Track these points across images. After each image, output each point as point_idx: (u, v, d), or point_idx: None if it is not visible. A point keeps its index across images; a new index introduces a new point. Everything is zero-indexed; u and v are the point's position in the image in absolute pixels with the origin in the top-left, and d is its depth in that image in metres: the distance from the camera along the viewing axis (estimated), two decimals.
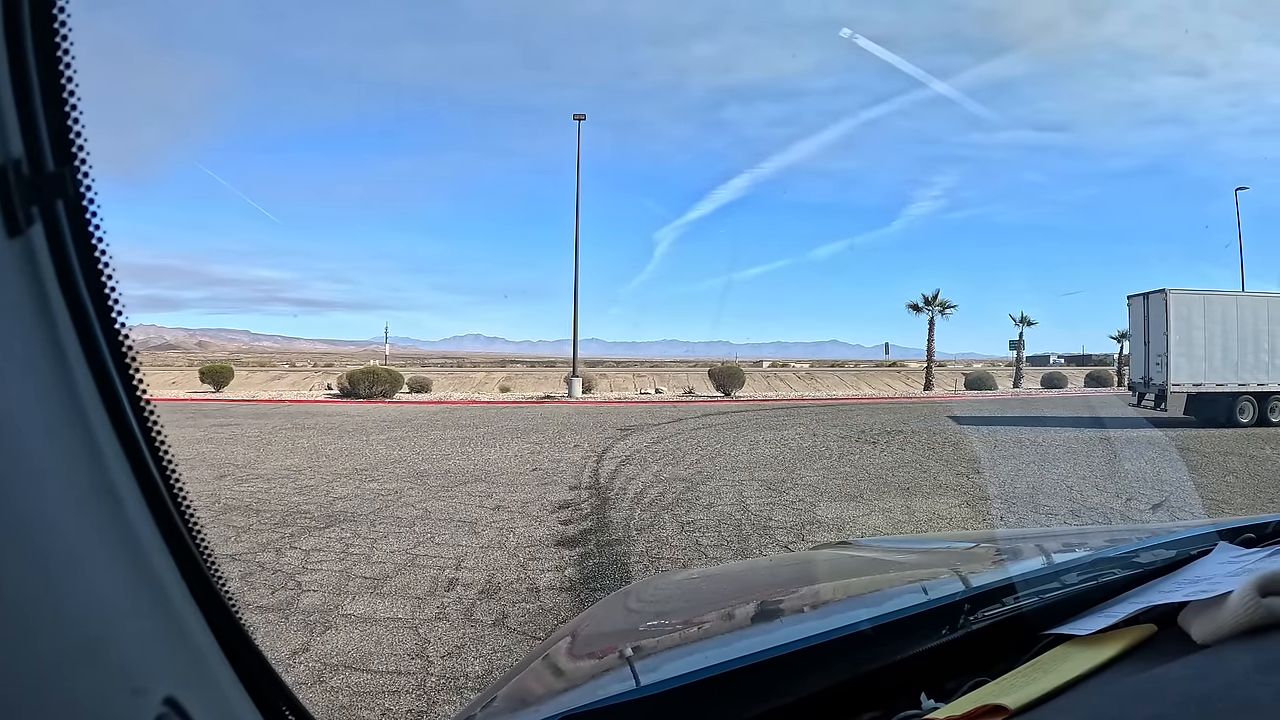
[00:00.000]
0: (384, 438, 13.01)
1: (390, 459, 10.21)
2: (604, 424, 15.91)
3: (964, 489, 7.74)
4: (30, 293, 0.42)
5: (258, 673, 0.58)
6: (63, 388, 0.44)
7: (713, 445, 11.76)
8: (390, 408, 22.13)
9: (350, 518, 6.42)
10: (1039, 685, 0.69)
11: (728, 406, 22.95)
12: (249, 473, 8.90)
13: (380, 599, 4.29)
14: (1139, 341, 16.58)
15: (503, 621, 3.93)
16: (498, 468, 9.42)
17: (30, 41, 0.43)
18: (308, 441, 12.45)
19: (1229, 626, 0.70)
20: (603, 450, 11.10)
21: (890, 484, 8.03)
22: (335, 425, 15.65)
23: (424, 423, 16.40)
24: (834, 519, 6.38)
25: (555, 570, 4.85)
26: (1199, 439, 12.52)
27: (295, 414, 18.90)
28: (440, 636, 3.70)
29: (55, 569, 0.41)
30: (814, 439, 12.67)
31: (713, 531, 5.91)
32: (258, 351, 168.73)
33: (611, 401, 25.99)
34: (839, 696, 0.77)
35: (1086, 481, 8.08)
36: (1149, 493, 7.42)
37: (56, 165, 0.45)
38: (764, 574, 1.89)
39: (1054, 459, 9.96)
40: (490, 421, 16.82)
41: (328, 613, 4.06)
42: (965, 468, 9.26)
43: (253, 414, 18.75)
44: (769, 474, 8.71)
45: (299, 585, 4.54)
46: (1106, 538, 1.42)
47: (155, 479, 0.50)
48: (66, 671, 0.40)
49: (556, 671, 1.10)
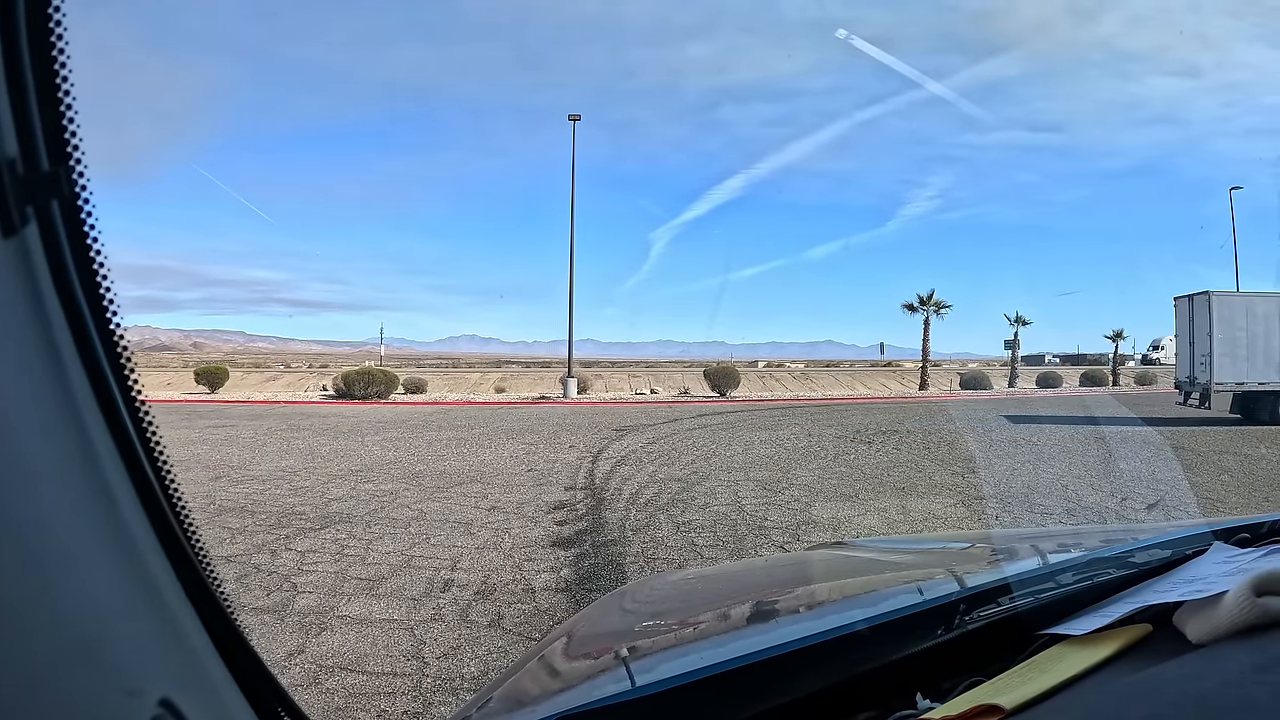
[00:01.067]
0: (379, 439, 12.99)
1: (385, 460, 10.19)
2: (599, 425, 15.89)
3: (959, 488, 7.78)
4: (25, 292, 0.42)
5: (253, 674, 0.58)
6: (58, 388, 0.44)
7: (708, 446, 11.78)
8: (385, 409, 22.08)
9: (345, 519, 6.41)
10: (1034, 685, 0.70)
11: (723, 407, 22.95)
12: (244, 474, 8.87)
13: (376, 600, 4.28)
14: (1184, 342, 17.07)
15: (498, 623, 3.92)
16: (493, 469, 9.42)
17: (25, 40, 0.43)
18: (303, 443, 12.41)
19: (1224, 626, 0.70)
20: (598, 451, 11.10)
21: (885, 484, 8.06)
22: (330, 426, 15.61)
23: (419, 424, 16.36)
24: (829, 519, 6.39)
25: (551, 571, 4.85)
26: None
27: (290, 415, 18.84)
28: (436, 638, 3.70)
29: (50, 569, 0.41)
30: (809, 439, 12.70)
31: (708, 532, 5.92)
32: (253, 352, 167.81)
33: (607, 402, 25.93)
34: (835, 697, 0.78)
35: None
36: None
37: (51, 165, 0.44)
38: (760, 574, 1.91)
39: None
40: (485, 422, 16.78)
41: (323, 614, 4.05)
42: (960, 467, 9.31)
43: (248, 415, 18.68)
44: (764, 474, 8.72)
45: (294, 587, 4.53)
46: (1102, 537, 1.43)
47: (150, 479, 0.50)
48: (61, 672, 0.40)
49: (552, 672, 1.10)
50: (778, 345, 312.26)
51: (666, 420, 17.06)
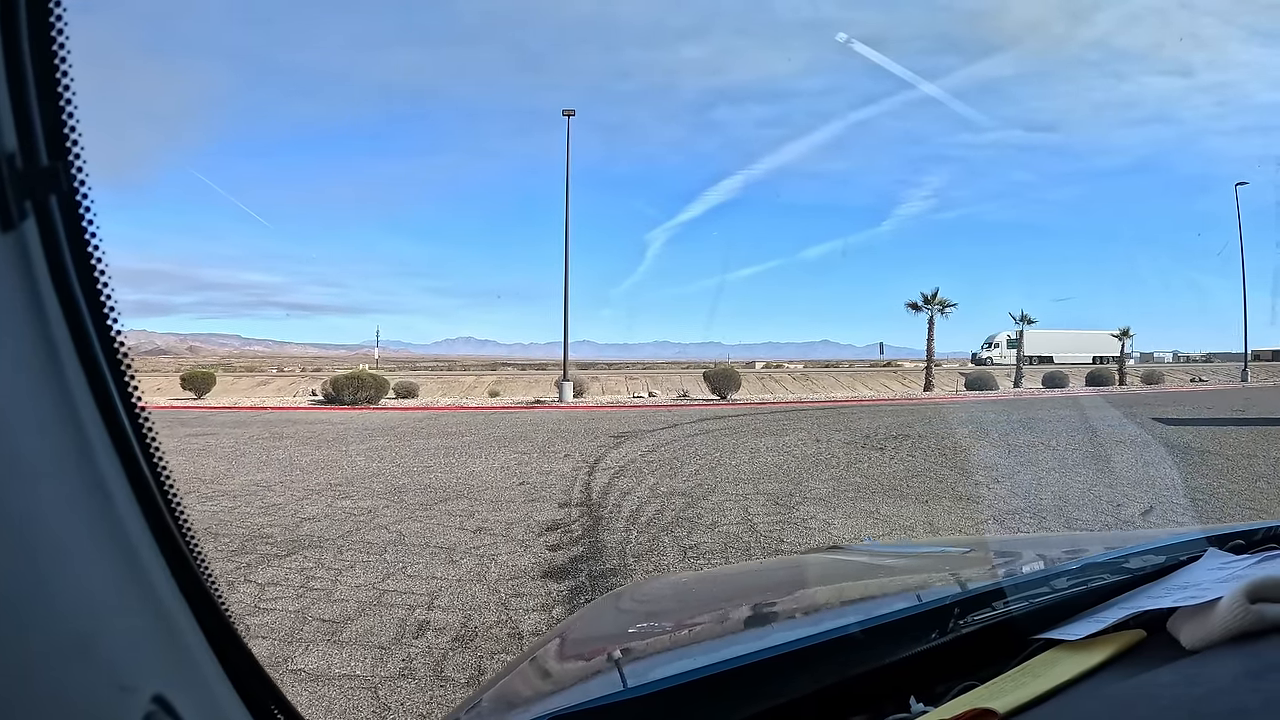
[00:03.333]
0: (364, 448, 12.35)
1: (368, 472, 9.58)
2: (596, 431, 15.24)
3: (982, 498, 7.20)
4: (22, 288, 0.42)
5: (246, 671, 0.58)
6: (55, 383, 0.44)
7: (711, 454, 11.17)
8: (374, 414, 21.15)
9: (316, 543, 5.80)
10: (1028, 689, 0.69)
11: (724, 410, 22.23)
12: (215, 489, 8.26)
13: (338, 649, 3.68)
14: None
15: (478, 679, 3.33)
16: (482, 481, 8.80)
17: (25, 34, 0.42)
18: (283, 453, 11.79)
19: (1218, 632, 0.69)
20: (595, 460, 10.48)
21: (907, 495, 7.47)
22: (315, 434, 14.99)
23: (408, 431, 15.72)
24: (854, 540, 5.80)
25: (541, 610, 4.24)
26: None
27: (275, 422, 18.22)
28: (403, 701, 3.10)
29: (45, 565, 0.41)
30: (818, 446, 12.08)
31: (719, 556, 5.33)
32: (249, 356, 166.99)
33: (604, 406, 24.83)
34: (828, 700, 0.76)
35: None
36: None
37: (50, 159, 0.44)
38: (754, 577, 1.87)
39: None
40: (477, 429, 16.11)
41: (275, 667, 3.45)
42: (983, 476, 8.73)
43: (232, 422, 18.07)
44: (774, 486, 8.13)
45: (246, 630, 3.93)
46: (1097, 543, 1.38)
47: (146, 476, 0.50)
48: (55, 667, 0.40)
49: (543, 673, 1.10)
50: (774, 345, 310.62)
51: (666, 425, 16.38)
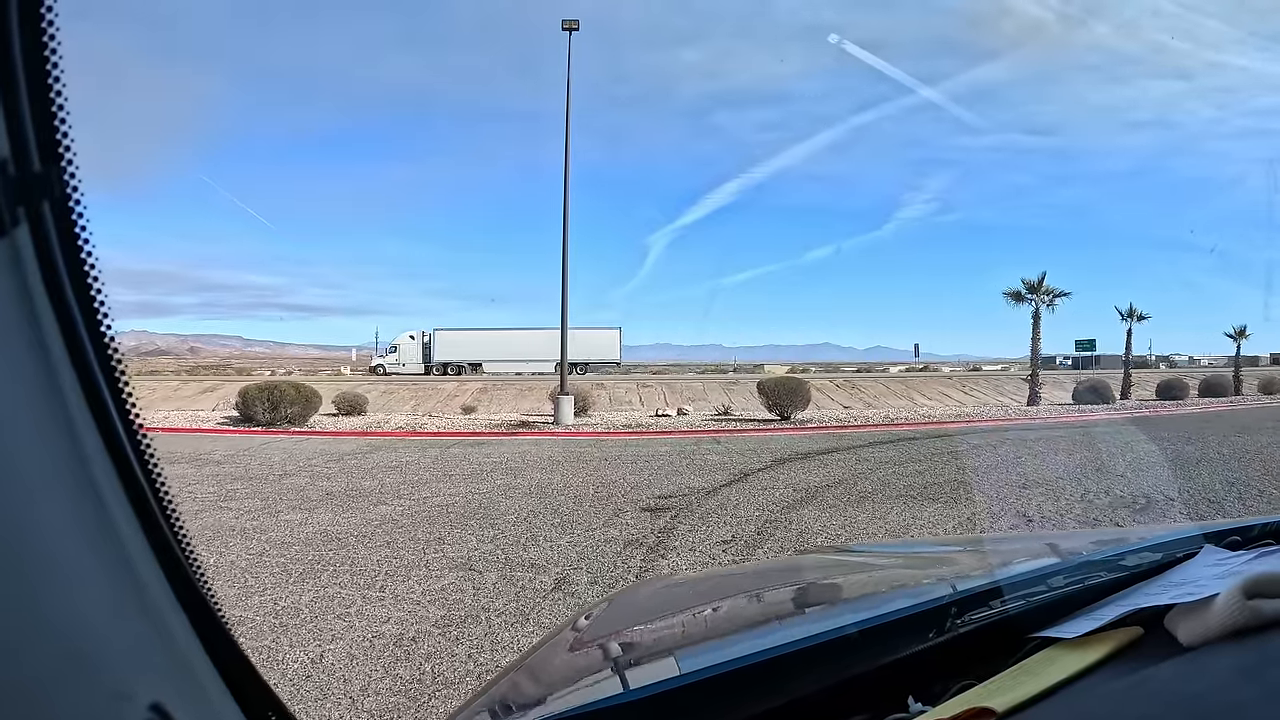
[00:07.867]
0: (198, 525, 6.71)
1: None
2: (614, 491, 8.41)
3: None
4: (16, 294, 0.42)
5: (243, 678, 0.58)
6: (48, 390, 0.44)
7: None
8: (288, 441, 14.62)
9: None
10: (1026, 688, 0.70)
11: (808, 440, 13.89)
12: None
13: None
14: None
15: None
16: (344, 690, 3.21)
17: (17, 38, 0.42)
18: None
19: (1215, 629, 0.70)
20: (616, 593, 2.92)
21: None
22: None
23: (304, 482, 9.27)
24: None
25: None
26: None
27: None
28: None
29: (40, 572, 0.41)
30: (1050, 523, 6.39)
31: None
32: (249, 357, 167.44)
33: (617, 431, 16.75)
34: (826, 699, 0.77)
35: None
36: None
37: (43, 164, 0.44)
38: (752, 579, 1.88)
39: None
40: (418, 481, 9.41)
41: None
42: None
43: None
44: None
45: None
46: (1093, 541, 1.47)
47: (141, 484, 0.50)
48: (51, 675, 0.40)
49: (542, 676, 1.09)
50: (776, 348, 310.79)
51: (729, 475, 9.44)
